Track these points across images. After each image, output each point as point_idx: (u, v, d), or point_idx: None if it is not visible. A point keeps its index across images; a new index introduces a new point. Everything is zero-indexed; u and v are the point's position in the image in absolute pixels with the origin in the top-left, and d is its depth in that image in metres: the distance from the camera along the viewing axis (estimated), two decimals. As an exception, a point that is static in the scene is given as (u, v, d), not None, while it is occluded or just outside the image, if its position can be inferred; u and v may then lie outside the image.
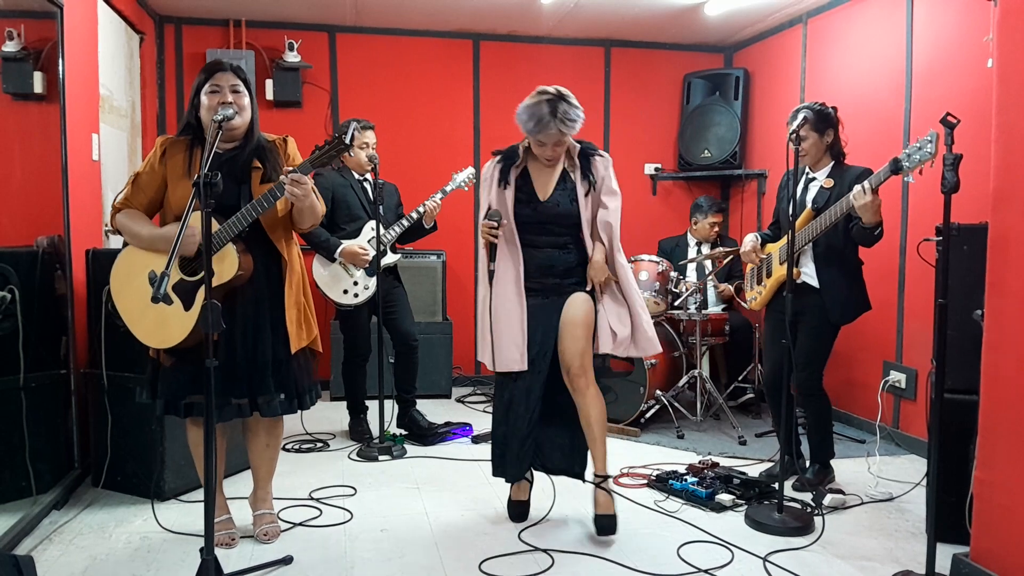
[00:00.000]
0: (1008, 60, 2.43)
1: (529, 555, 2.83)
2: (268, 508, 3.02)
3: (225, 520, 2.92)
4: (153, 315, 2.64)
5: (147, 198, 2.74)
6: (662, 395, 4.51)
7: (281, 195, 2.60)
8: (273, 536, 2.94)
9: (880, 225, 3.15)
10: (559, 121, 2.81)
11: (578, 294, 2.99)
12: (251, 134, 2.75)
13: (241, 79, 2.71)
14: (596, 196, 3.00)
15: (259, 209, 2.60)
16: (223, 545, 2.83)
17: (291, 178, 2.56)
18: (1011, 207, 2.41)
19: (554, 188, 3.00)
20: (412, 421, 4.34)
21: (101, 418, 3.36)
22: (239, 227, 2.59)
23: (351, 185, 4.21)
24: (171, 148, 2.73)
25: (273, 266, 2.77)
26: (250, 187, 2.71)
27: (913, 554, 2.85)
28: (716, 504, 3.28)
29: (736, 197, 6.03)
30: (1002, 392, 2.44)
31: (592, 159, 3.01)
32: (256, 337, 2.72)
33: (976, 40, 3.66)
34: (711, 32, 5.71)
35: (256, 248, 2.70)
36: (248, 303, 2.71)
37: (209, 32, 5.36)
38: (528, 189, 3.01)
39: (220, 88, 2.66)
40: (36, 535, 2.93)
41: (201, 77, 2.70)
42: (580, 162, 3.00)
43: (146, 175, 2.73)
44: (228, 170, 2.64)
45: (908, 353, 4.26)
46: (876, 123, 4.37)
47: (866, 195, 3.02)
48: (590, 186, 2.98)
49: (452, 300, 5.60)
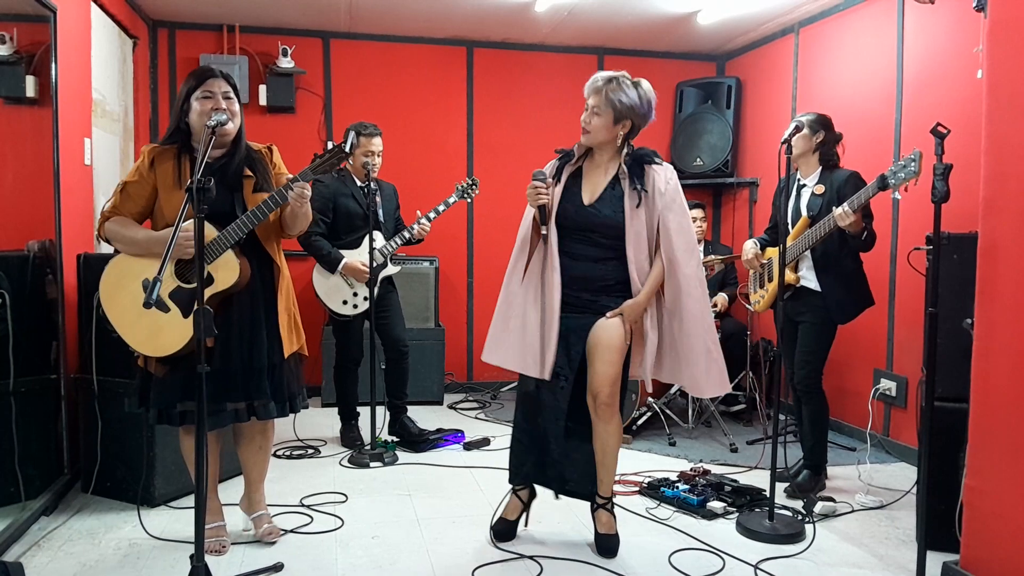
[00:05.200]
0: (997, 71, 2.45)
1: (520, 563, 2.82)
2: (264, 509, 3.03)
3: (218, 527, 2.92)
4: (147, 323, 2.63)
5: (137, 207, 2.72)
6: (654, 402, 4.52)
7: (282, 202, 2.64)
8: (277, 535, 2.96)
9: (864, 232, 3.26)
10: (606, 83, 2.72)
11: (611, 320, 2.77)
12: (239, 142, 2.77)
13: (231, 85, 2.74)
14: (651, 209, 2.76)
15: (259, 217, 2.63)
16: (214, 552, 2.81)
17: (297, 187, 2.61)
18: (1001, 216, 2.43)
19: (601, 193, 2.80)
20: (403, 427, 4.33)
21: (91, 423, 3.34)
22: (239, 234, 2.62)
23: (352, 194, 4.20)
24: (159, 157, 2.72)
25: (266, 272, 2.80)
26: (243, 195, 2.73)
27: (903, 562, 2.86)
28: (707, 511, 3.28)
29: (728, 205, 6.05)
30: (992, 400, 2.45)
31: (647, 168, 2.79)
32: (252, 342, 2.74)
33: (966, 51, 3.69)
34: (704, 41, 5.74)
35: (250, 254, 2.73)
36: (244, 308, 2.73)
37: (202, 37, 5.35)
38: (576, 189, 2.84)
39: (213, 94, 2.68)
40: (25, 541, 2.91)
41: (191, 83, 2.71)
42: (631, 169, 2.79)
43: (134, 184, 2.71)
44: (220, 178, 2.63)
45: (899, 361, 4.28)
46: (867, 132, 4.40)
47: (849, 216, 3.15)
48: (639, 197, 2.75)
49: (445, 306, 5.60)
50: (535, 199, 2.76)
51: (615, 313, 2.79)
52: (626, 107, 2.72)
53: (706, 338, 2.78)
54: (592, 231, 2.80)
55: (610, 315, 2.79)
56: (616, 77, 2.74)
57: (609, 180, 2.82)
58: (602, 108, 2.73)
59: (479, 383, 5.80)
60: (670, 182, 2.79)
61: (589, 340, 2.80)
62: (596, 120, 2.75)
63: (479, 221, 5.78)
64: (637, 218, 2.75)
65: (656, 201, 2.76)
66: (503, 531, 3.02)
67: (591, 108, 2.76)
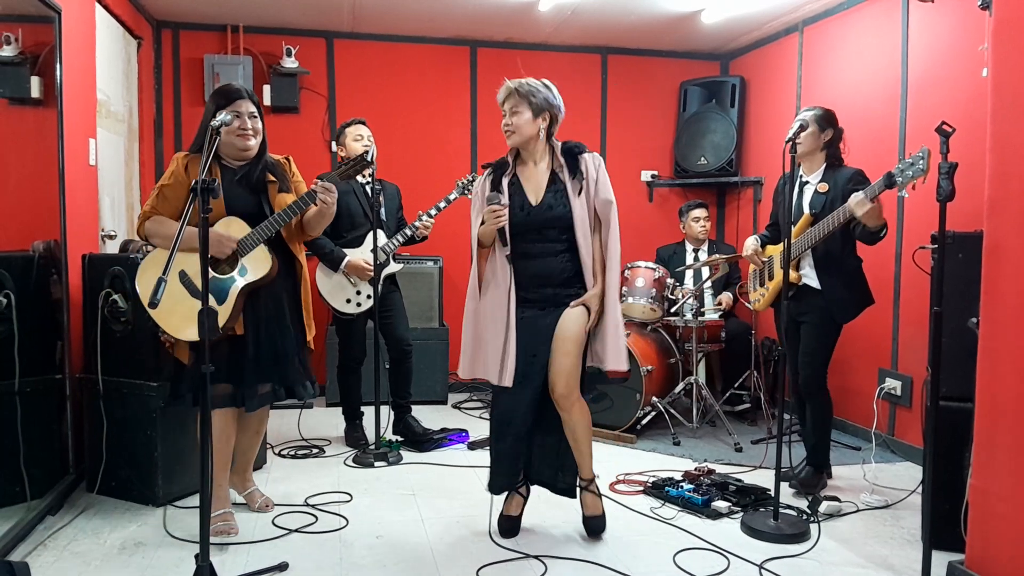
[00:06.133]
0: (1002, 69, 2.45)
1: (524, 562, 2.83)
2: (255, 485, 3.32)
3: (226, 513, 3.05)
4: (183, 311, 2.82)
5: (173, 208, 2.92)
6: (658, 402, 4.51)
7: (311, 202, 2.92)
8: (272, 506, 3.27)
9: (885, 226, 3.21)
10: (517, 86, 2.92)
11: (574, 309, 2.91)
12: (262, 153, 3.03)
13: (255, 104, 2.97)
14: (588, 195, 2.91)
15: (290, 216, 2.92)
16: (223, 534, 2.93)
17: (322, 186, 2.89)
18: (1006, 215, 2.42)
19: (545, 191, 2.93)
20: (408, 427, 4.33)
21: (96, 423, 3.35)
22: (271, 231, 2.91)
23: (353, 191, 4.20)
24: (191, 163, 2.95)
25: (287, 266, 3.05)
26: (268, 196, 3.00)
27: (908, 561, 2.86)
28: (712, 511, 3.28)
29: (732, 204, 6.04)
30: (997, 399, 2.44)
31: (579, 157, 2.94)
32: (280, 329, 2.98)
33: (971, 49, 3.68)
34: (708, 40, 5.73)
35: (277, 251, 2.97)
36: (271, 299, 2.98)
37: (207, 37, 5.37)
38: (519, 196, 2.95)
39: (240, 115, 2.89)
40: (30, 541, 2.92)
41: (220, 101, 2.90)
42: (566, 160, 2.94)
43: (171, 187, 2.92)
44: (246, 183, 2.96)
45: (903, 360, 4.27)
46: (871, 131, 4.39)
47: (866, 204, 3.06)
48: (581, 185, 2.91)
49: (448, 306, 5.59)
50: (496, 222, 2.86)
51: (579, 302, 2.92)
52: (541, 99, 2.91)
53: (616, 315, 2.94)
54: (545, 228, 2.92)
55: (573, 304, 2.92)
56: (522, 80, 2.94)
57: (547, 178, 2.96)
58: (520, 106, 2.90)
59: (483, 383, 5.78)
60: (599, 168, 2.96)
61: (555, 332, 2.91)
62: (517, 118, 2.90)
63: (483, 221, 5.77)
64: (580, 206, 2.91)
65: (590, 187, 2.92)
66: (508, 528, 3.07)
67: (509, 110, 2.92)
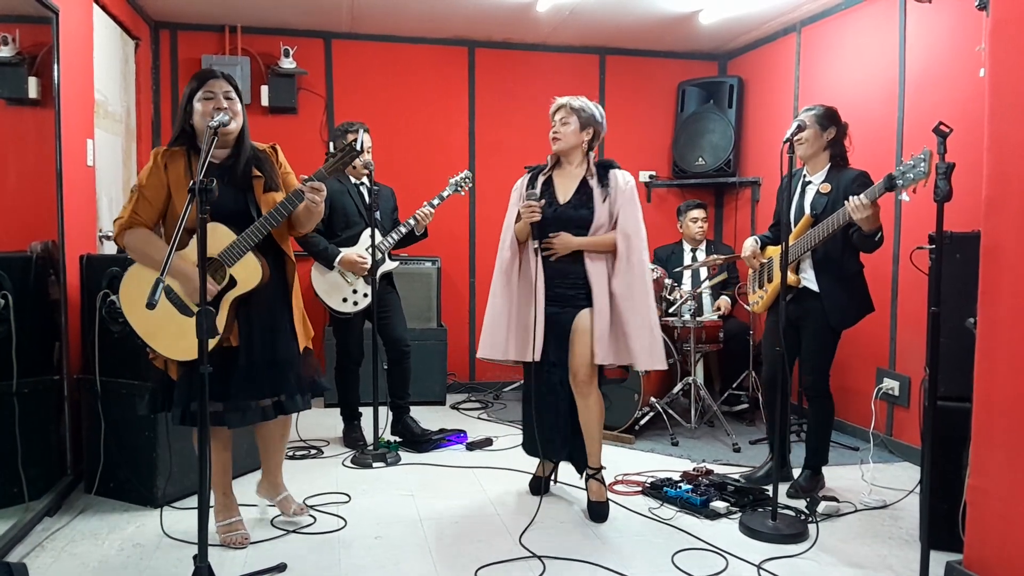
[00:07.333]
0: (1000, 69, 2.45)
1: (524, 562, 2.82)
2: (287, 491, 3.19)
3: (235, 522, 2.97)
4: (173, 328, 2.66)
5: (155, 210, 2.73)
6: (656, 402, 4.51)
7: (300, 202, 2.70)
8: (306, 511, 3.18)
9: (880, 231, 3.16)
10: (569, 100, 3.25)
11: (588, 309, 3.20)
12: (242, 141, 2.81)
13: (232, 86, 2.78)
14: (613, 204, 3.21)
15: (278, 218, 2.71)
16: (235, 545, 2.88)
17: (311, 186, 2.68)
18: (1003, 215, 2.42)
19: (573, 193, 3.24)
20: (406, 428, 4.33)
21: (94, 424, 3.34)
22: (260, 235, 2.69)
23: (348, 191, 4.20)
24: (170, 159, 2.74)
25: (280, 268, 2.87)
26: (254, 195, 2.78)
27: (906, 561, 2.86)
28: (710, 511, 3.28)
29: (730, 205, 6.05)
30: (995, 399, 2.45)
31: (610, 171, 3.27)
32: (273, 337, 2.82)
33: (968, 49, 3.68)
34: (705, 40, 5.74)
35: (266, 252, 2.78)
36: (263, 305, 2.80)
37: (204, 38, 5.36)
38: (550, 194, 3.27)
39: (214, 94, 2.71)
40: (28, 542, 2.92)
41: (193, 84, 2.75)
42: (598, 171, 3.27)
43: (151, 188, 2.71)
44: (228, 179, 2.72)
45: (901, 360, 4.27)
46: (869, 131, 4.39)
47: (865, 208, 3.03)
48: (607, 193, 3.21)
49: (447, 306, 5.60)
50: (530, 217, 3.15)
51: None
52: (588, 115, 3.25)
53: (649, 316, 3.19)
54: (569, 226, 3.21)
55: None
56: (574, 97, 3.28)
57: (578, 183, 3.27)
58: (570, 118, 3.24)
59: (481, 383, 5.81)
60: (629, 183, 3.27)
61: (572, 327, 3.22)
62: (565, 128, 3.24)
63: (481, 221, 5.78)
64: (603, 212, 3.21)
65: (617, 198, 3.22)
66: (536, 486, 3.52)
67: (559, 120, 3.25)
